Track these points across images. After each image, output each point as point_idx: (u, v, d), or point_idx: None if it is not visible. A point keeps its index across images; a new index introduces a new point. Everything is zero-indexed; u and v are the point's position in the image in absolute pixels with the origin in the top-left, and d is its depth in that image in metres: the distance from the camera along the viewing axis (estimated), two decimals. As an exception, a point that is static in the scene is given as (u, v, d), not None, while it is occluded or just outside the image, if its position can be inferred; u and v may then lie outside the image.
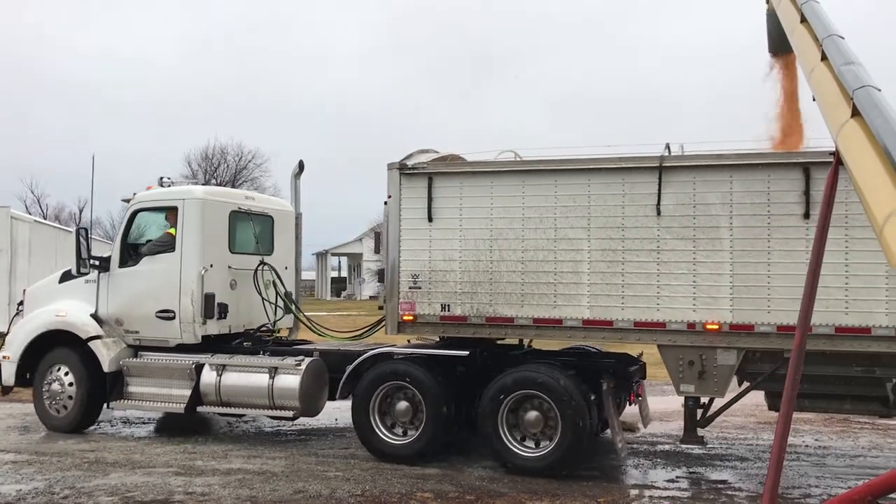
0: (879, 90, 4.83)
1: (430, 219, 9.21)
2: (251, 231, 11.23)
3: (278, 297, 11.11)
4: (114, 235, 11.09)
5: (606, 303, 8.57)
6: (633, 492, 8.19)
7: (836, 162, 5.30)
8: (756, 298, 8.08)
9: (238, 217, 11.09)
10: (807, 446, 10.54)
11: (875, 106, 4.62)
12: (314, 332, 11.35)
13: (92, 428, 11.12)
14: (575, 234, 8.70)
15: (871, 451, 10.40)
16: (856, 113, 4.81)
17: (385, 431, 9.37)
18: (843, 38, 5.76)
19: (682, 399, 8.72)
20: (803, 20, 6.53)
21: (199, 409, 10.22)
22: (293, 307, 11.40)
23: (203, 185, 11.04)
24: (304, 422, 11.28)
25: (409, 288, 9.28)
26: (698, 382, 8.29)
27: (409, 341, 10.45)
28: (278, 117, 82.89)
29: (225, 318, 10.63)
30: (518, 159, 9.24)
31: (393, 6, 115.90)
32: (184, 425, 11.51)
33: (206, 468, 8.94)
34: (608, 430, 8.96)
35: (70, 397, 10.66)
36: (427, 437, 9.14)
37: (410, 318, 9.28)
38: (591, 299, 8.62)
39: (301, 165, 12.03)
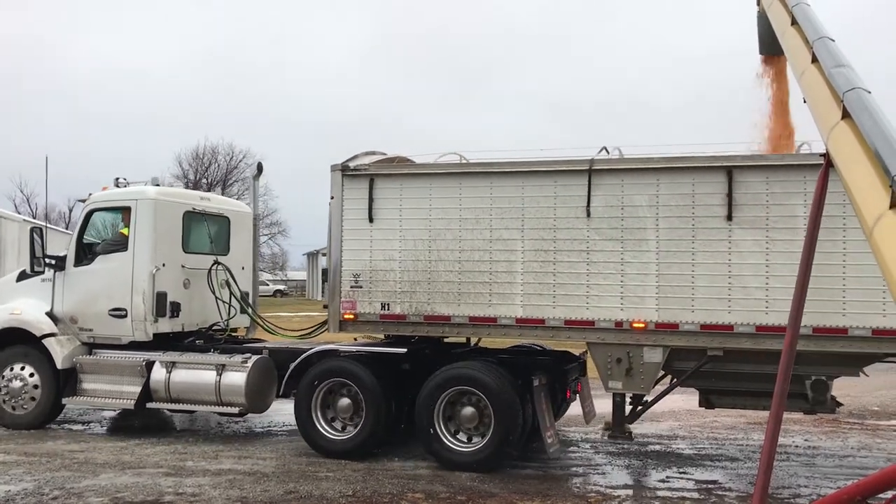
0: (869, 92, 4.89)
1: (370, 219, 9.52)
2: (206, 231, 11.52)
3: (232, 297, 11.38)
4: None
5: (539, 301, 8.88)
6: (624, 492, 8.32)
7: (827, 164, 5.38)
8: (680, 298, 8.38)
9: (193, 217, 11.39)
10: (796, 446, 10.70)
11: (865, 108, 4.67)
12: (267, 330, 11.66)
13: (53, 425, 11.36)
14: (509, 234, 9.01)
15: (860, 451, 10.59)
16: (846, 115, 4.87)
17: (326, 427, 9.67)
18: (833, 40, 5.86)
19: (675, 399, 8.96)
20: (794, 22, 6.64)
21: (149, 405, 10.53)
22: (248, 307, 11.69)
23: (157, 185, 11.21)
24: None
25: (351, 287, 9.58)
26: (626, 379, 8.59)
27: (355, 339, 10.78)
28: (273, 122, 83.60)
29: (177, 316, 10.93)
30: (457, 162, 9.54)
31: (382, 18, 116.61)
32: (174, 426, 11.82)
33: (196, 469, 9.04)
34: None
35: (31, 396, 10.95)
36: (366, 433, 9.44)
37: (351, 316, 9.58)
38: (524, 298, 8.93)
39: (260, 167, 12.35)
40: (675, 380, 8.90)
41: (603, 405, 10.85)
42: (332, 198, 9.78)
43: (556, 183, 8.86)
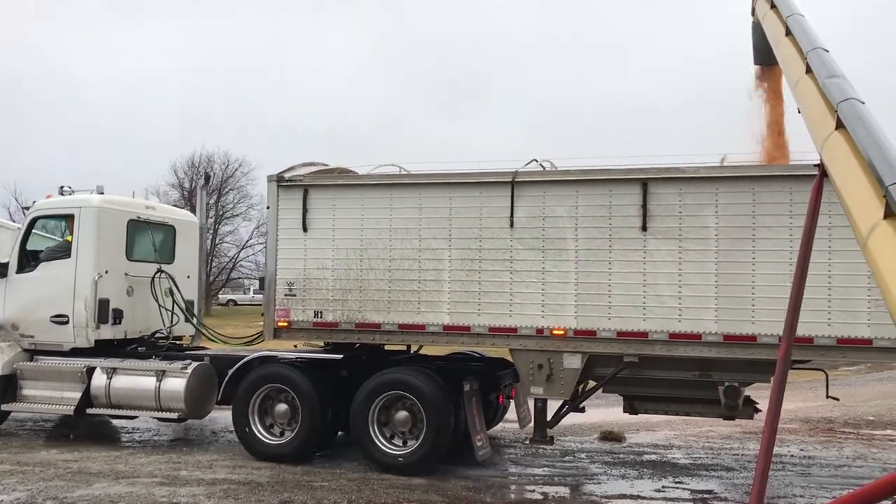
0: (863, 103, 4.96)
1: (305, 229, 9.86)
2: (150, 240, 11.81)
3: (175, 305, 11.67)
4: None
5: (465, 309, 9.24)
6: (620, 501, 8.46)
7: (821, 174, 5.47)
8: (598, 306, 8.77)
9: (137, 226, 11.68)
10: (792, 456, 10.91)
11: (859, 118, 4.74)
12: (209, 338, 11.95)
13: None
14: (437, 244, 9.37)
15: (856, 461, 10.77)
16: (840, 125, 4.93)
17: (263, 432, 10.01)
18: (827, 50, 5.91)
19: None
20: (788, 33, 6.76)
21: (90, 411, 10.79)
22: (191, 315, 11.98)
23: (101, 194, 11.50)
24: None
25: (285, 295, 9.92)
26: (546, 385, 8.96)
27: (295, 346, 11.09)
28: (269, 131, 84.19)
29: (120, 323, 11.21)
30: (386, 174, 9.92)
31: (379, 30, 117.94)
32: (169, 435, 12.01)
33: (190, 478, 9.12)
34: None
35: None
36: (302, 437, 9.78)
37: (285, 324, 9.91)
38: (450, 306, 9.29)
39: (206, 177, 12.70)
40: (587, 386, 9.29)
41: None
42: (267, 207, 10.13)
43: (482, 194, 9.24)
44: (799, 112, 5.89)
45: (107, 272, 11.08)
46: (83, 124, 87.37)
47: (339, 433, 10.57)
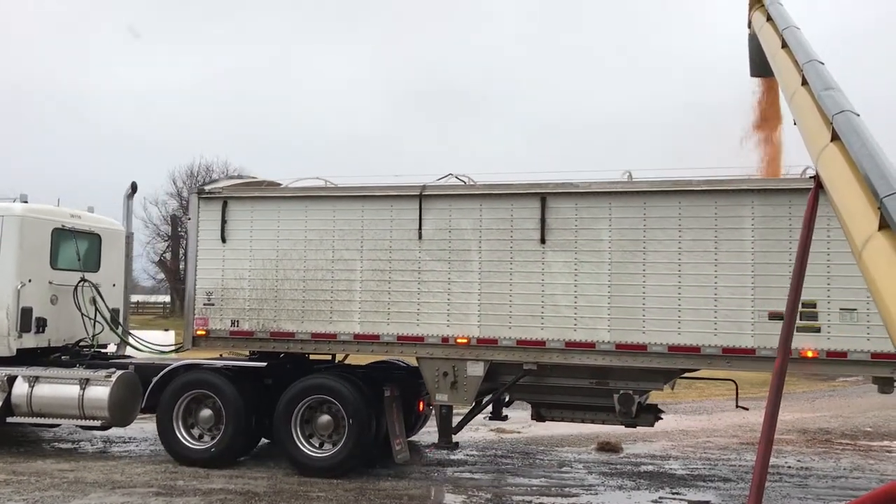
0: (858, 115, 5.08)
1: (223, 240, 10.35)
2: (75, 248, 12.16)
3: (98, 314, 12.04)
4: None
5: (375, 318, 9.78)
6: None
7: (817, 186, 5.54)
8: (500, 315, 9.35)
9: (62, 234, 12.04)
10: (789, 467, 11.20)
11: (854, 131, 4.82)
12: (133, 347, 12.33)
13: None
14: (350, 255, 9.91)
15: (853, 472, 11.03)
16: (835, 137, 5.02)
17: (187, 438, 10.48)
18: (822, 63, 6.09)
19: (667, 420, 9.59)
20: (784, 45, 7.01)
21: (10, 419, 11.11)
22: (117, 324, 12.36)
23: (25, 202, 11.83)
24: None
25: (204, 304, 10.39)
26: (451, 392, 9.52)
27: (220, 356, 11.54)
28: (271, 146, 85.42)
29: (43, 332, 11.55)
30: (303, 186, 10.42)
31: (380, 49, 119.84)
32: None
33: (187, 488, 9.25)
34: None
35: None
36: (226, 443, 10.26)
37: (203, 332, 10.39)
38: (361, 315, 9.83)
39: (133, 187, 13.04)
40: (496, 394, 9.87)
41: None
42: (188, 219, 10.59)
43: (392, 207, 9.80)
44: (795, 124, 6.10)
45: (30, 281, 11.42)
46: (84, 134, 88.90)
47: (264, 440, 11.05)
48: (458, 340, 9.47)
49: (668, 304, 8.89)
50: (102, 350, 12.43)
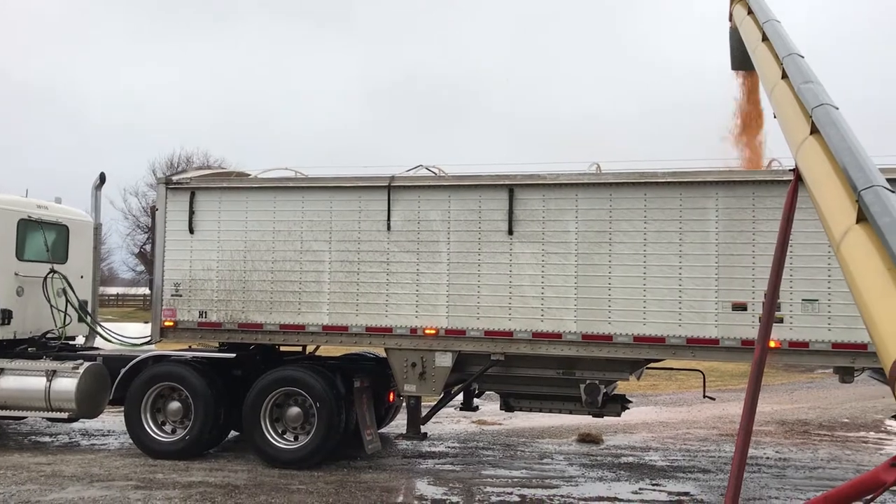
0: (837, 108, 5.20)
1: (191, 230, 10.55)
2: (42, 239, 12.32)
3: (68, 305, 12.21)
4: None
5: (343, 310, 10.02)
6: (598, 503, 8.87)
7: (796, 178, 5.67)
8: (468, 306, 9.62)
9: (28, 225, 12.18)
10: (768, 458, 11.45)
11: (833, 124, 4.94)
12: (104, 338, 12.51)
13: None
14: (318, 246, 10.14)
15: (830, 462, 11.31)
16: (815, 130, 5.14)
17: (155, 430, 10.68)
18: (802, 56, 6.21)
19: (647, 411, 9.88)
20: (765, 38, 7.13)
21: None
22: (85, 315, 12.53)
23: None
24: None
25: (171, 296, 10.59)
26: (419, 382, 9.79)
27: (189, 347, 11.75)
28: (253, 140, 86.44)
29: (9, 324, 11.70)
30: (271, 177, 10.64)
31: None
32: None
33: (166, 481, 9.38)
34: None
35: None
36: (195, 435, 10.47)
37: (171, 324, 10.59)
38: (330, 307, 10.06)
39: (102, 177, 13.18)
40: (465, 384, 10.14)
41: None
42: (156, 209, 10.77)
43: (361, 198, 10.03)
44: (775, 117, 6.22)
45: None
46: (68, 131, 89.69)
47: (233, 432, 11.29)
48: (427, 331, 9.72)
49: (633, 294, 9.17)
50: (70, 342, 12.59)
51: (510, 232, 9.52)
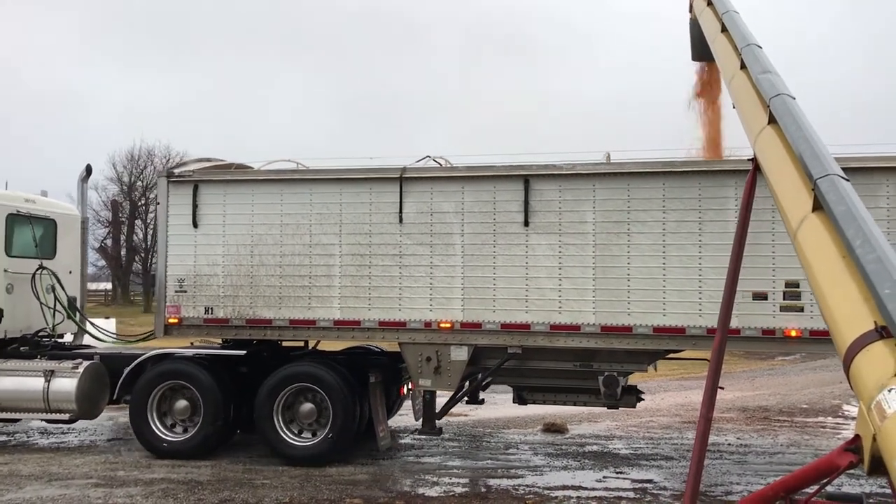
0: (794, 98, 5.54)
1: (195, 225, 11.00)
2: (31, 234, 12.71)
3: (58, 302, 12.62)
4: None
5: (355, 304, 10.55)
6: (562, 492, 9.33)
7: (755, 168, 6.07)
8: (483, 299, 10.18)
9: (16, 220, 12.57)
10: (729, 444, 12.33)
11: (790, 114, 5.27)
12: (96, 337, 12.94)
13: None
14: (328, 239, 10.65)
15: (790, 447, 12.16)
16: (772, 120, 5.46)
17: (163, 429, 11.15)
18: (760, 47, 6.63)
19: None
20: (724, 29, 7.59)
21: None
22: (76, 312, 12.95)
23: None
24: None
25: (175, 292, 11.05)
26: (434, 377, 10.34)
27: (192, 344, 12.22)
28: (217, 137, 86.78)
29: None
30: (277, 169, 11.10)
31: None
32: (106, 435, 12.81)
33: (128, 478, 9.77)
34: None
35: None
36: (204, 434, 10.96)
37: (176, 321, 11.05)
38: (341, 301, 10.58)
39: (88, 169, 13.59)
40: (478, 377, 10.71)
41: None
42: (157, 203, 11.22)
43: (372, 190, 10.54)
44: (734, 107, 6.63)
45: None
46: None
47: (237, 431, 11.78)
48: (442, 325, 10.27)
49: (652, 285, 9.77)
50: (59, 340, 12.99)
51: (526, 223, 10.06)
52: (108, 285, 59.09)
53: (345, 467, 10.46)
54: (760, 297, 9.41)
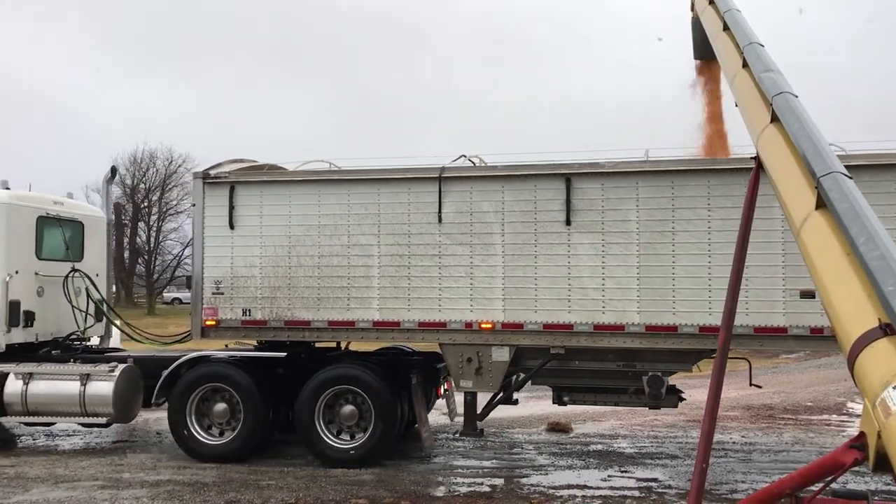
0: (797, 96, 5.61)
1: (231, 226, 11.03)
2: (61, 237, 12.75)
3: (89, 305, 12.66)
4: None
5: (394, 305, 10.57)
6: (567, 492, 9.44)
7: (758, 165, 6.13)
8: (525, 299, 10.20)
9: (46, 222, 12.62)
10: (734, 443, 12.44)
11: (792, 112, 5.34)
12: (133, 338, 12.98)
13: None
14: (366, 240, 10.67)
15: (794, 445, 12.27)
16: (775, 118, 5.55)
17: (202, 433, 11.17)
18: (763, 45, 6.72)
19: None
20: (726, 28, 7.69)
21: (2, 419, 11.72)
22: (114, 315, 13.00)
23: (7, 189, 12.32)
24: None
25: (213, 294, 11.08)
26: (476, 378, 10.37)
27: (226, 346, 12.24)
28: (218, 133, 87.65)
29: (31, 326, 12.14)
30: (314, 170, 11.13)
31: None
32: (112, 437, 12.90)
33: (133, 480, 9.89)
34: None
35: None
36: (245, 436, 10.99)
37: (213, 323, 11.08)
38: (380, 302, 10.61)
39: (113, 171, 13.64)
40: (519, 377, 10.73)
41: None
42: (192, 205, 11.25)
43: (410, 190, 10.56)
44: (737, 106, 6.70)
45: (17, 272, 11.99)
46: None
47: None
48: (483, 325, 10.29)
49: (698, 284, 9.78)
50: (87, 343, 13.02)
51: (568, 222, 10.08)
52: (112, 287, 59.80)
53: (350, 468, 10.50)
54: (808, 295, 9.40)
